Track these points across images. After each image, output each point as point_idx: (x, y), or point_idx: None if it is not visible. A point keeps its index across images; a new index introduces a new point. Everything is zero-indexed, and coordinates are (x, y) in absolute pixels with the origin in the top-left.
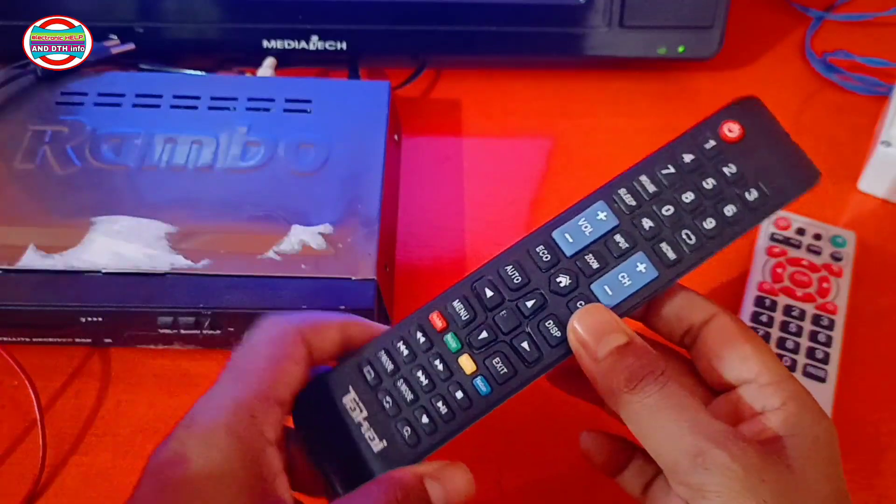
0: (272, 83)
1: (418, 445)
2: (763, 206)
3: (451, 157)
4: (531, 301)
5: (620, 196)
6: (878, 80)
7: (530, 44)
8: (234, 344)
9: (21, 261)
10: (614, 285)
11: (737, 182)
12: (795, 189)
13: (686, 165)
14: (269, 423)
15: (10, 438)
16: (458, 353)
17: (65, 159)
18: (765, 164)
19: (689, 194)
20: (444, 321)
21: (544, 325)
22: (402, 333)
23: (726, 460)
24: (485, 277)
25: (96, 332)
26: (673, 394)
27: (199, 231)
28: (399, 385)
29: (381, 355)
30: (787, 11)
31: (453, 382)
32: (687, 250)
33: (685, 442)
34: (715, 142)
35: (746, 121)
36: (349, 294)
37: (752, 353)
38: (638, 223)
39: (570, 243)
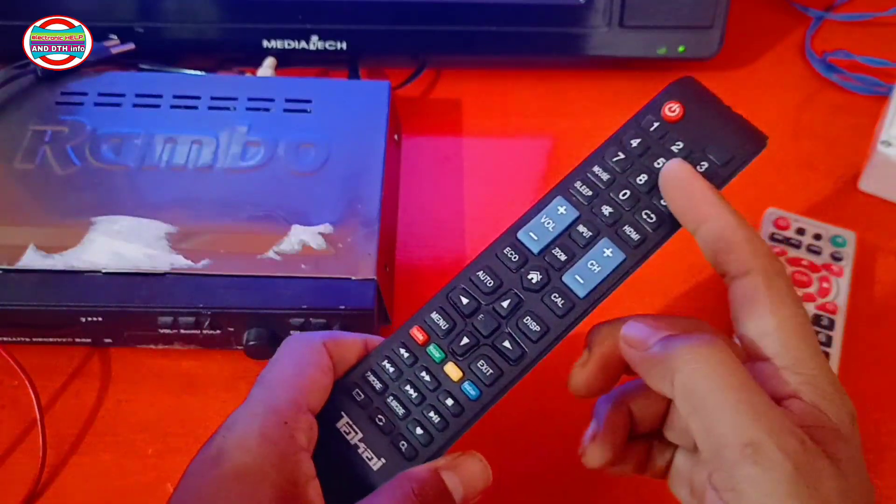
0: (272, 83)
1: (416, 458)
2: (716, 176)
3: (451, 157)
4: (506, 301)
5: (577, 188)
6: (878, 80)
7: (530, 44)
8: (235, 344)
9: (21, 261)
10: (585, 274)
11: (687, 158)
12: (744, 156)
13: (635, 150)
14: (300, 430)
15: (10, 438)
16: (442, 362)
17: (65, 159)
18: (711, 137)
19: (642, 176)
20: (425, 334)
21: (523, 323)
22: (386, 353)
23: (778, 457)
24: (458, 286)
25: (96, 332)
26: (731, 366)
27: (199, 231)
28: (390, 402)
29: (369, 376)
30: (787, 11)
31: (442, 391)
32: (649, 229)
33: (741, 428)
34: (658, 123)
35: (686, 99)
36: (349, 294)
37: (773, 329)
38: (598, 211)
39: (535, 241)
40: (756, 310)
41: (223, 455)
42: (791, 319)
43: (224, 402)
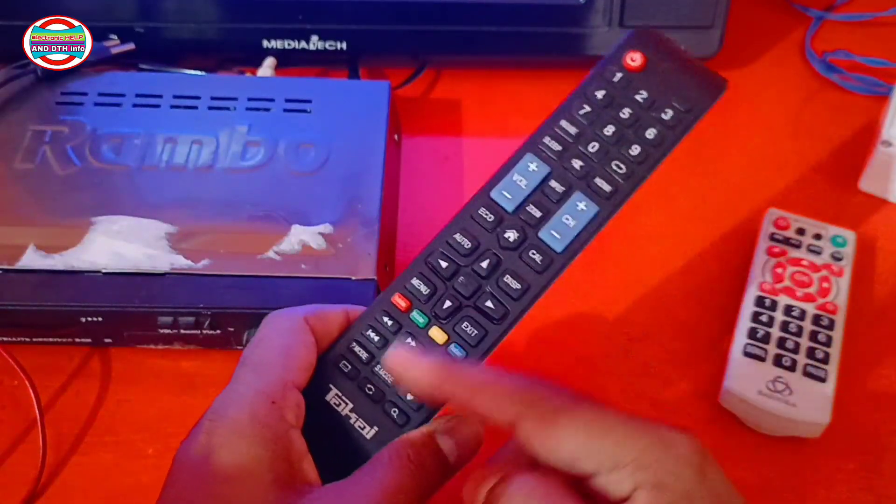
0: (272, 83)
1: (408, 423)
2: (680, 123)
3: (451, 157)
4: (485, 262)
5: (546, 144)
6: (878, 80)
7: (530, 44)
8: (235, 344)
9: (21, 261)
10: (561, 229)
11: (651, 106)
12: (706, 101)
13: (600, 101)
14: (288, 408)
15: (10, 438)
16: (426, 327)
17: (65, 159)
18: (673, 84)
19: (609, 127)
20: (407, 300)
21: (503, 281)
22: (369, 322)
23: None
24: (437, 250)
25: (96, 332)
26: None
27: (199, 231)
28: (377, 370)
29: (354, 347)
30: (787, 11)
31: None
32: (620, 179)
33: None
34: (621, 73)
35: (646, 49)
36: (349, 294)
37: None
38: (568, 165)
39: (509, 199)
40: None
41: (215, 441)
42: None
43: None
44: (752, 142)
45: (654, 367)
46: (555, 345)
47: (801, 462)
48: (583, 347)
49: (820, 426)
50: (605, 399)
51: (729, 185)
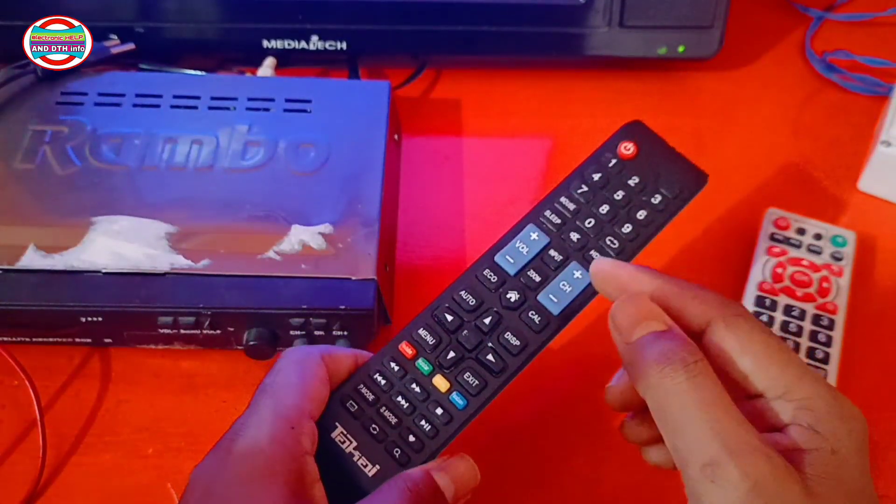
0: (272, 83)
1: (409, 463)
2: (668, 208)
3: (451, 157)
4: (488, 318)
5: (547, 217)
6: (878, 80)
7: (530, 44)
8: (235, 344)
9: (21, 261)
10: (557, 293)
11: (642, 191)
12: (690, 191)
13: (596, 183)
14: (305, 434)
15: (10, 438)
16: (430, 374)
17: (65, 159)
18: (661, 173)
19: (604, 206)
20: (413, 349)
21: (504, 338)
22: (377, 367)
23: (736, 477)
24: (443, 305)
25: (96, 332)
26: (702, 385)
27: (199, 231)
28: (382, 412)
29: (362, 388)
30: (787, 11)
31: (432, 401)
32: (613, 254)
33: (701, 446)
34: (615, 160)
35: (638, 139)
36: (349, 294)
37: (752, 368)
38: (566, 237)
39: (511, 264)
40: (729, 355)
41: (235, 457)
42: (764, 352)
43: (224, 401)
44: (752, 142)
45: None
46: (554, 345)
47: None
48: (583, 347)
49: None
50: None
51: (729, 184)
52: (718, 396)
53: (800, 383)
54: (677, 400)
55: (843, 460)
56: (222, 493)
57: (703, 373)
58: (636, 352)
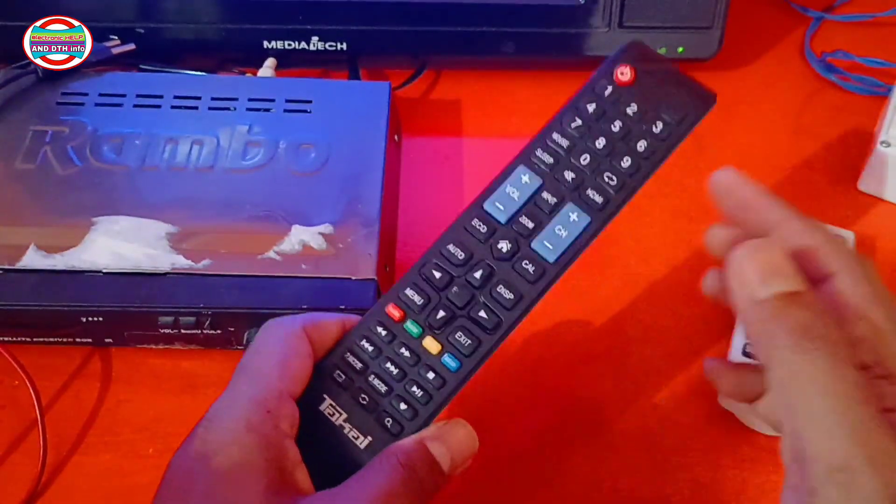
0: (272, 83)
1: (402, 432)
2: (671, 136)
3: (451, 157)
4: (479, 272)
5: (538, 156)
6: (878, 80)
7: (530, 44)
8: (235, 344)
9: (22, 261)
10: (553, 239)
11: (641, 119)
12: (696, 113)
13: (591, 115)
14: (283, 417)
15: (10, 438)
16: (420, 337)
17: (65, 159)
18: (663, 98)
19: (600, 140)
20: (401, 311)
21: (496, 291)
22: (363, 332)
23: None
24: (430, 261)
25: (97, 332)
26: (845, 375)
27: (200, 231)
28: (371, 380)
29: (349, 357)
30: (787, 11)
31: (423, 365)
32: (612, 191)
33: (836, 442)
34: (611, 87)
35: (636, 62)
36: (349, 294)
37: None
38: (560, 177)
39: (501, 211)
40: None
41: (209, 448)
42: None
43: None
44: (752, 142)
45: (654, 367)
46: (555, 345)
47: None
48: (583, 347)
49: None
50: (605, 398)
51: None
52: (861, 390)
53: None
54: (811, 384)
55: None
56: (199, 486)
57: (845, 358)
58: (766, 313)
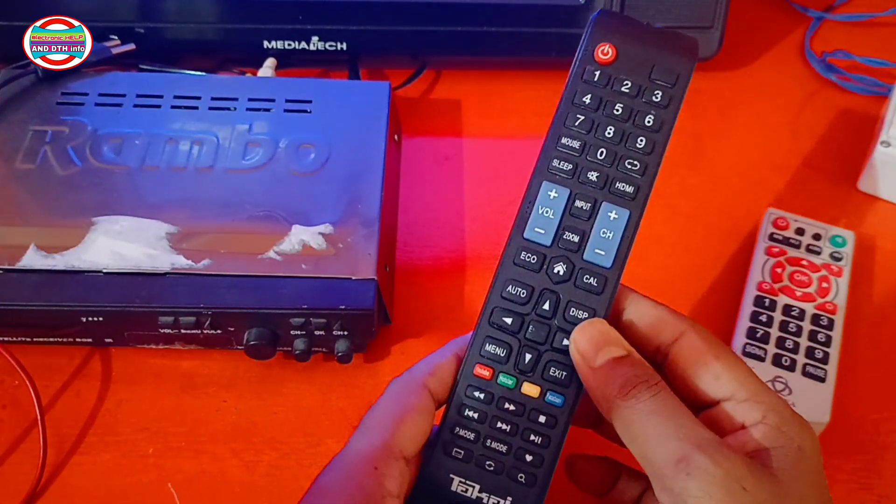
0: (273, 83)
1: (537, 481)
2: (672, 99)
3: (451, 157)
4: (546, 303)
5: (556, 167)
6: (878, 80)
7: (530, 44)
8: (235, 344)
9: (22, 261)
10: (601, 244)
11: (639, 93)
12: (687, 66)
13: (590, 105)
14: (390, 476)
15: (10, 438)
16: (517, 386)
17: (66, 159)
18: (650, 62)
19: (609, 129)
20: (489, 369)
21: (570, 315)
22: (461, 402)
23: (709, 466)
24: (496, 309)
25: (97, 332)
26: (664, 402)
27: (200, 231)
28: (490, 445)
29: (458, 431)
30: (787, 11)
31: (530, 412)
32: (638, 175)
33: (670, 446)
34: (598, 70)
35: (611, 35)
36: (349, 294)
37: (723, 371)
38: (586, 180)
39: (543, 234)
40: (703, 360)
41: (320, 493)
42: (735, 362)
43: (224, 401)
44: (752, 142)
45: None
46: None
47: None
48: None
49: (819, 426)
50: None
51: (729, 185)
52: (680, 407)
53: (766, 391)
54: (642, 418)
55: (808, 457)
56: None
57: (663, 391)
58: (600, 381)
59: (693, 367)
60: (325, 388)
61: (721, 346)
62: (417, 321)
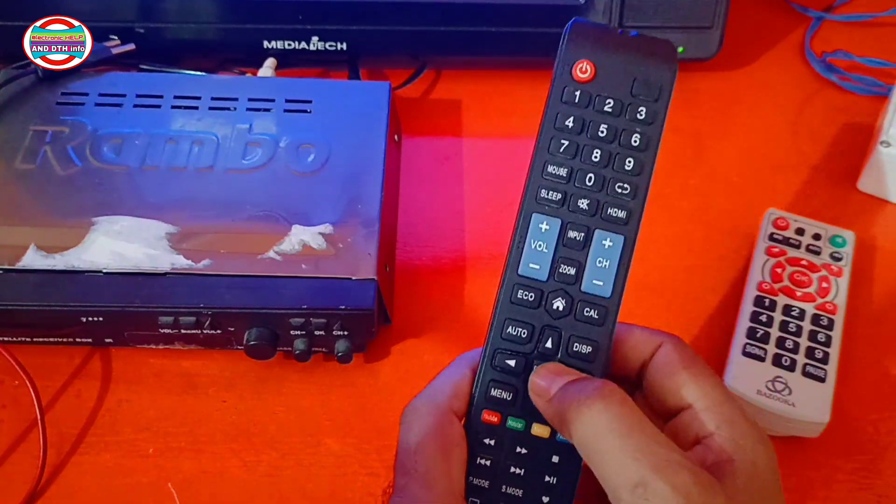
0: (273, 83)
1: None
2: (656, 113)
3: (451, 157)
4: (549, 341)
5: (545, 197)
6: (878, 80)
7: (530, 44)
8: (235, 344)
9: (22, 261)
10: (599, 274)
11: (622, 111)
12: (667, 75)
13: (573, 129)
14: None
15: (10, 438)
16: (527, 428)
17: (66, 159)
18: (630, 76)
19: (595, 152)
20: (496, 413)
21: (573, 350)
22: (474, 451)
23: (667, 492)
24: (497, 350)
25: (97, 332)
26: (620, 414)
27: (200, 231)
28: (506, 491)
29: (473, 481)
30: (787, 11)
31: (543, 453)
32: (629, 199)
33: (628, 470)
34: (578, 90)
35: (588, 52)
36: (349, 294)
37: (688, 379)
38: (576, 208)
39: (538, 269)
40: (672, 369)
41: None
42: (703, 372)
43: (224, 401)
44: (752, 142)
45: None
46: None
47: (801, 462)
48: None
49: (819, 426)
50: None
51: (729, 185)
52: (637, 421)
53: (726, 402)
54: (597, 431)
55: (761, 473)
56: None
57: (618, 400)
58: (555, 403)
59: (662, 378)
60: (325, 388)
61: (692, 358)
62: (417, 321)
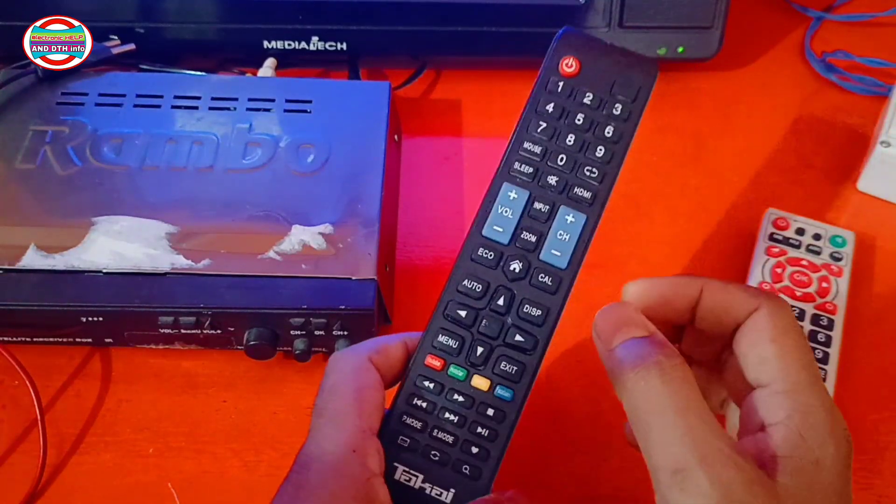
0: (273, 83)
1: (482, 475)
2: (632, 113)
3: (451, 157)
4: (501, 299)
5: (518, 169)
6: (878, 80)
7: (530, 44)
8: (235, 344)
9: (22, 261)
10: (558, 245)
11: (600, 105)
12: (646, 86)
13: (552, 114)
14: (369, 455)
15: (10, 438)
16: (467, 378)
17: (65, 159)
18: (612, 78)
19: (570, 137)
20: (440, 359)
21: (524, 312)
22: (410, 390)
23: (705, 486)
24: (451, 302)
25: (97, 332)
26: (677, 390)
27: (200, 231)
28: (436, 435)
29: (406, 419)
30: (787, 11)
31: (479, 405)
32: (596, 182)
33: (671, 453)
34: (562, 82)
35: (575, 50)
36: (349, 294)
37: (773, 355)
38: (545, 184)
39: (501, 232)
40: (758, 337)
41: (302, 494)
42: (793, 349)
43: (224, 401)
44: (752, 142)
45: None
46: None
47: None
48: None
49: None
50: (604, 398)
51: (729, 185)
52: (693, 401)
53: (808, 388)
54: (650, 403)
55: (822, 473)
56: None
57: (680, 377)
58: (614, 358)
59: (747, 347)
60: None
61: (785, 330)
62: (417, 321)
